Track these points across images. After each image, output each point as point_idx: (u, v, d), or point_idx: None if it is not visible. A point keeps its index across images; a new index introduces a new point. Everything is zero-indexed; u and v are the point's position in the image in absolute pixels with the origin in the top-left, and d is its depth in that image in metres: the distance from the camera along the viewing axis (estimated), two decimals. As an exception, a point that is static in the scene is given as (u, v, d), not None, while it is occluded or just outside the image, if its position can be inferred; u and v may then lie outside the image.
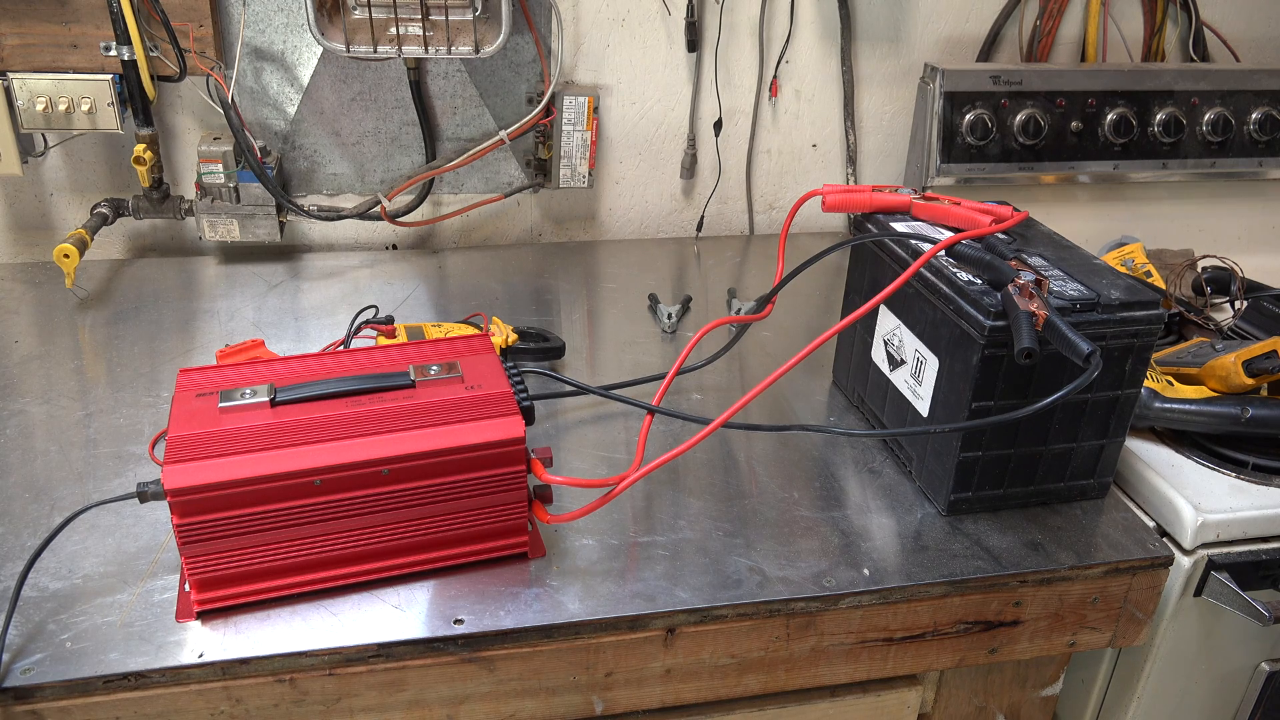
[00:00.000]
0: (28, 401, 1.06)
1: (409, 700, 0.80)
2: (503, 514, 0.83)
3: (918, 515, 0.94)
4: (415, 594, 0.82)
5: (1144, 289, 0.88)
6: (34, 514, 0.89)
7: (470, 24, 1.29)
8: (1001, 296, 0.84)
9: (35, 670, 0.73)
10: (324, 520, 0.78)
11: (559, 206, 1.54)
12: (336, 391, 0.81)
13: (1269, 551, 0.96)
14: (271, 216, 1.36)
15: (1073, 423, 0.91)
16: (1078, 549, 0.90)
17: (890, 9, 1.49)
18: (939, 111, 1.43)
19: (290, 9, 1.33)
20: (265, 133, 1.40)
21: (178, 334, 1.21)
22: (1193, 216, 1.63)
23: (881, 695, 0.95)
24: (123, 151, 1.38)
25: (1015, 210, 0.99)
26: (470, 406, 0.81)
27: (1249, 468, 1.00)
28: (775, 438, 1.04)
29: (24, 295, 1.30)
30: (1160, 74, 1.48)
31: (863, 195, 1.02)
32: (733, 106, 1.51)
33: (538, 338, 1.17)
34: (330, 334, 1.22)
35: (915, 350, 0.95)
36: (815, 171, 1.59)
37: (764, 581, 0.84)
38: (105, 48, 1.24)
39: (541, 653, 0.80)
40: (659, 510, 0.93)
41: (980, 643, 0.90)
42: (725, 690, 0.87)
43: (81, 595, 0.80)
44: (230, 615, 0.79)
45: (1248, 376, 1.01)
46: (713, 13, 1.44)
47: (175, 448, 0.75)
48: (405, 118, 1.42)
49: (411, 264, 1.43)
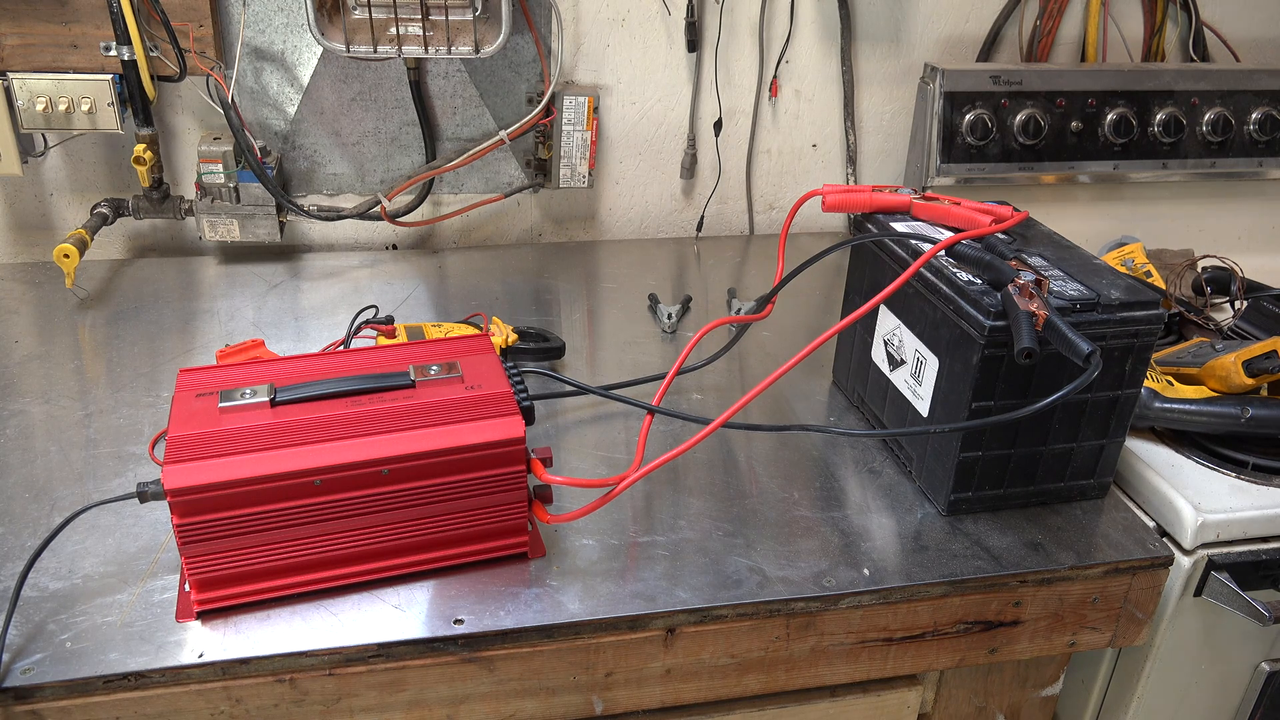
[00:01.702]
0: (28, 401, 1.06)
1: (409, 700, 0.80)
2: (503, 514, 0.83)
3: (918, 515, 0.94)
4: (415, 594, 0.82)
5: (1144, 289, 0.88)
6: (34, 514, 0.89)
7: (470, 24, 1.29)
8: (1001, 296, 0.84)
9: (35, 670, 0.73)
10: (324, 520, 0.78)
11: (559, 206, 1.54)
12: (336, 391, 0.81)
13: (1269, 551, 0.96)
14: (271, 216, 1.36)
15: (1073, 423, 0.91)
16: (1078, 549, 0.90)
17: (890, 9, 1.49)
18: (939, 111, 1.43)
19: (290, 9, 1.33)
20: (265, 133, 1.40)
21: (178, 334, 1.21)
22: (1193, 216, 1.63)
23: (881, 695, 0.95)
24: (123, 151, 1.38)
25: (1015, 210, 0.99)
26: (470, 406, 0.81)
27: (1249, 468, 1.00)
28: (775, 438, 1.04)
29: (24, 295, 1.30)
30: (1160, 74, 1.48)
31: (863, 195, 1.02)
32: (733, 106, 1.51)
33: (538, 338, 1.17)
34: (330, 334, 1.22)
35: (915, 350, 0.95)
36: (815, 171, 1.59)
37: (764, 581, 0.84)
38: (105, 48, 1.24)
39: (541, 653, 0.80)
40: (659, 510, 0.93)
41: (980, 643, 0.90)
42: (725, 690, 0.87)
43: (81, 595, 0.80)
44: (230, 615, 0.79)
45: (1248, 376, 1.01)
46: (713, 13, 1.44)
47: (175, 448, 0.75)
48: (405, 118, 1.42)
49: (411, 264, 1.43)
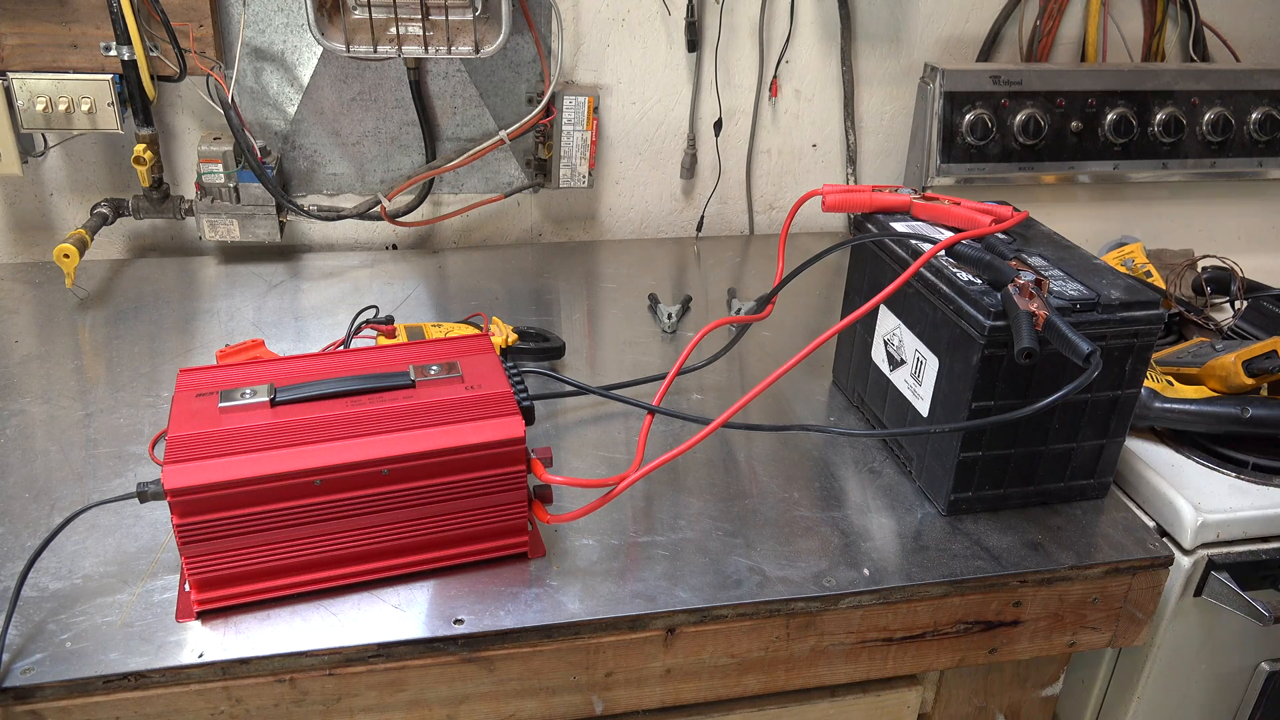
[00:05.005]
0: (28, 401, 1.06)
1: (409, 700, 0.80)
2: (503, 514, 0.83)
3: (918, 515, 0.94)
4: (415, 594, 0.82)
5: (1144, 289, 0.88)
6: (34, 514, 0.89)
7: (470, 24, 1.29)
8: (1001, 296, 0.84)
9: (35, 670, 0.73)
10: (324, 520, 0.78)
11: (559, 206, 1.54)
12: (336, 391, 0.81)
13: (1269, 551, 0.96)
14: (271, 216, 1.36)
15: (1073, 423, 0.91)
16: (1078, 549, 0.90)
17: (890, 9, 1.49)
18: (939, 111, 1.43)
19: (290, 9, 1.33)
20: (265, 133, 1.39)
21: (178, 334, 1.21)
22: (1193, 216, 1.63)
23: (881, 695, 0.95)
24: (123, 151, 1.38)
25: (1015, 210, 0.99)
26: (470, 406, 0.81)
27: (1249, 468, 1.00)
28: (775, 438, 1.04)
29: (24, 295, 1.30)
30: (1160, 74, 1.48)
31: (863, 195, 1.02)
32: (733, 106, 1.51)
33: (538, 338, 1.17)
34: (330, 334, 1.22)
35: (915, 350, 0.95)
36: (815, 171, 1.59)
37: (764, 581, 0.84)
38: (105, 48, 1.24)
39: (541, 653, 0.80)
40: (659, 510, 0.93)
41: (980, 643, 0.90)
42: (725, 690, 0.87)
43: (81, 595, 0.80)
44: (230, 615, 0.79)
45: (1248, 376, 1.01)
46: (713, 13, 1.44)
47: (175, 448, 0.75)
48: (405, 118, 1.42)
49: (411, 264, 1.43)
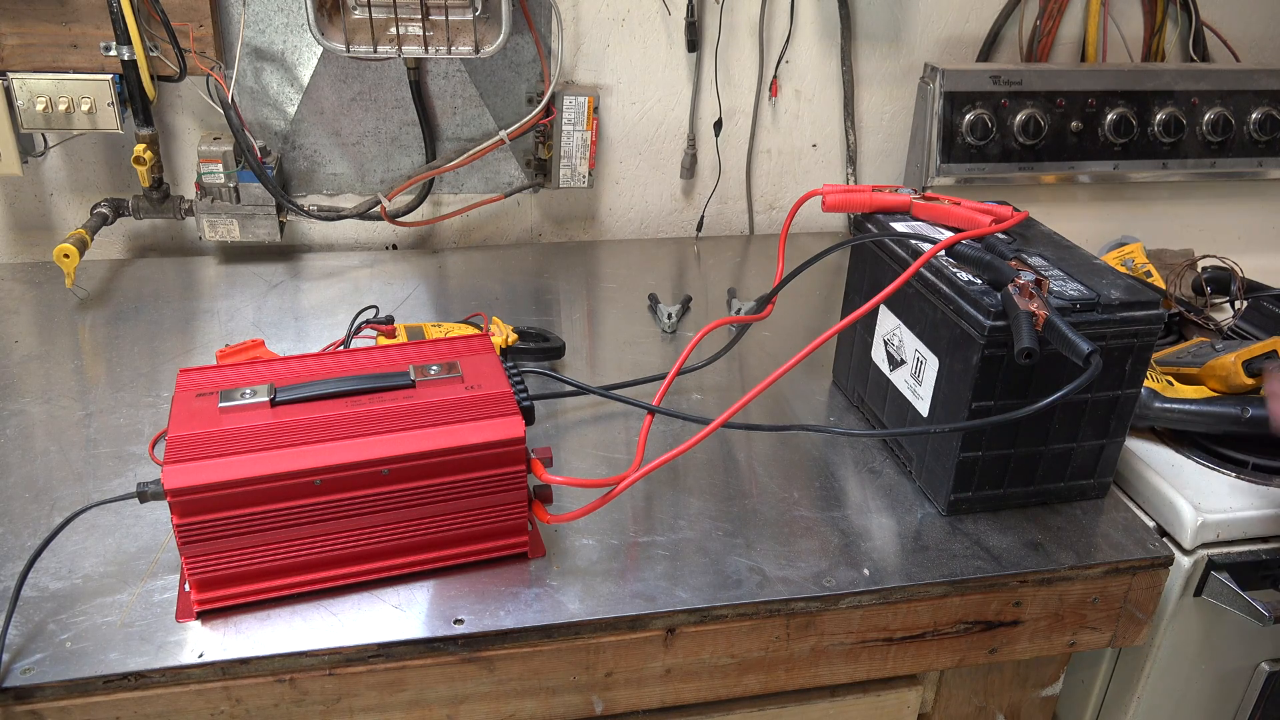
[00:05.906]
0: (28, 401, 1.06)
1: (409, 700, 0.80)
2: (503, 514, 0.83)
3: (918, 515, 0.94)
4: (415, 594, 0.82)
5: (1144, 289, 0.88)
6: (34, 514, 0.88)
7: (470, 24, 1.29)
8: (1001, 296, 0.84)
9: (35, 670, 0.73)
10: (324, 520, 0.78)
11: (559, 206, 1.54)
12: (336, 391, 0.81)
13: (1269, 551, 0.96)
14: (271, 216, 1.36)
15: (1073, 423, 0.91)
16: (1078, 549, 0.90)
17: (890, 9, 1.49)
18: (939, 111, 1.43)
19: (290, 9, 1.33)
20: (265, 133, 1.39)
21: (178, 334, 1.21)
22: (1193, 216, 1.63)
23: (881, 695, 0.95)
24: (123, 151, 1.38)
25: (1015, 210, 0.99)
26: (470, 406, 0.81)
27: (1249, 468, 1.00)
28: (775, 438, 1.04)
29: (24, 295, 1.30)
30: (1160, 74, 1.48)
31: (863, 195, 1.02)
32: (733, 106, 1.51)
33: (538, 338, 1.17)
34: (330, 334, 1.22)
35: (915, 350, 0.95)
36: (815, 171, 1.59)
37: (764, 581, 0.84)
38: (105, 48, 1.24)
39: (541, 653, 0.80)
40: (659, 510, 0.93)
41: (980, 643, 0.90)
42: (725, 690, 0.87)
43: (81, 595, 0.80)
44: (230, 615, 0.79)
45: (1248, 376, 1.01)
46: (713, 13, 1.44)
47: (175, 448, 0.75)
48: (405, 118, 1.42)
49: (411, 264, 1.43)
